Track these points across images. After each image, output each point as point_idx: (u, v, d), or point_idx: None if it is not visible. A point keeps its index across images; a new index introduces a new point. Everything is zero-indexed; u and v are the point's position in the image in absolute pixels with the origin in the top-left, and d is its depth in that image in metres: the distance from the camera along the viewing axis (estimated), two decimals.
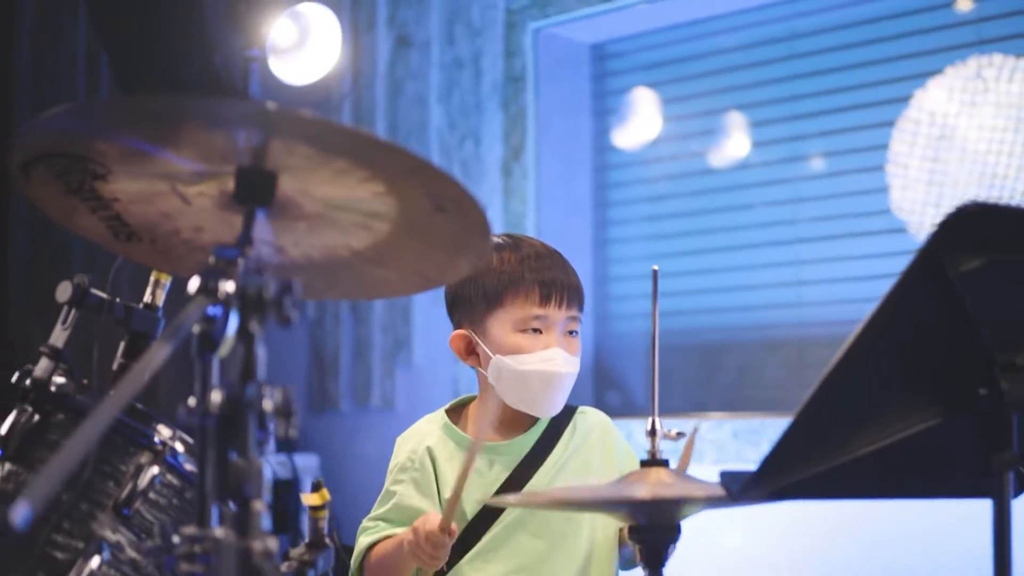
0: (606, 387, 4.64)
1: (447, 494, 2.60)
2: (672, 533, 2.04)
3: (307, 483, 3.72)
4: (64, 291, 1.97)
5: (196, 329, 1.54)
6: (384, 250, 1.82)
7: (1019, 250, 1.70)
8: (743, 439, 4.04)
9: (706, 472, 3.94)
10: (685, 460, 2.27)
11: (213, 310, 1.53)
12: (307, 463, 4.90)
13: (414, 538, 2.44)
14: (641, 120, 4.75)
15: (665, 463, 2.06)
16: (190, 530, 1.50)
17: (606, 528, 2.69)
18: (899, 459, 1.82)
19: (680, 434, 2.11)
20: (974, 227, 1.65)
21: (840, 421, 1.76)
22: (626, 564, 2.77)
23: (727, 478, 1.75)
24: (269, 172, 1.68)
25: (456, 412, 2.79)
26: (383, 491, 2.70)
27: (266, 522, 1.45)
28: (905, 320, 1.70)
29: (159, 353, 1.44)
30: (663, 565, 2.05)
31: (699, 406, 4.34)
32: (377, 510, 2.67)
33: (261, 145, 1.63)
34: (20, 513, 1.17)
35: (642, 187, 4.71)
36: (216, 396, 1.46)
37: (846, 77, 4.25)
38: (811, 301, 4.28)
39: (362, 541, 2.62)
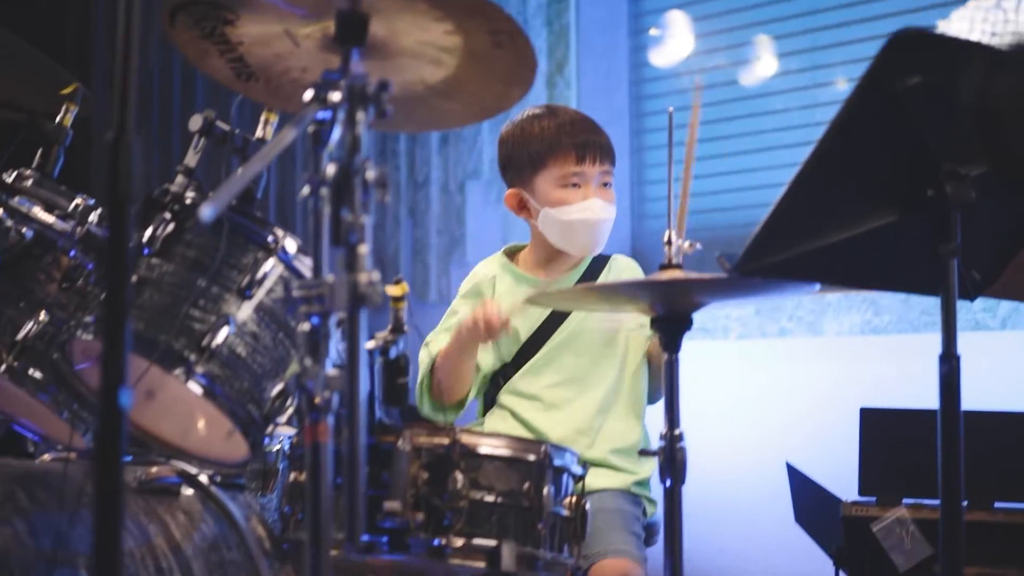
0: None
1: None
2: (685, 322, 2.49)
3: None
4: (195, 122, 2.46)
5: (310, 129, 2.01)
6: (451, 84, 2.28)
7: (951, 72, 2.14)
8: (764, 315, 4.49)
9: (732, 346, 4.42)
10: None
11: (323, 114, 2.00)
12: None
13: (471, 317, 2.94)
14: (674, 36, 5.16)
15: (679, 267, 2.51)
16: (307, 280, 1.97)
17: (637, 352, 3.18)
18: (862, 251, 2.21)
19: (693, 246, 2.56)
20: (914, 49, 2.09)
21: (811, 213, 2.18)
22: (652, 398, 3.27)
23: (726, 257, 2.20)
24: (363, 15, 2.13)
25: (512, 255, 3.30)
26: (447, 312, 3.21)
27: (368, 261, 1.92)
28: (861, 127, 2.12)
29: (289, 134, 1.91)
30: (678, 351, 2.50)
31: None
32: (440, 327, 3.17)
33: None
34: (207, 211, 1.65)
35: (674, 98, 5.11)
36: (330, 168, 1.93)
37: None
38: None
39: (429, 350, 3.12)
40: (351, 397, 1.94)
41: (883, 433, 3.44)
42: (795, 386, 4.42)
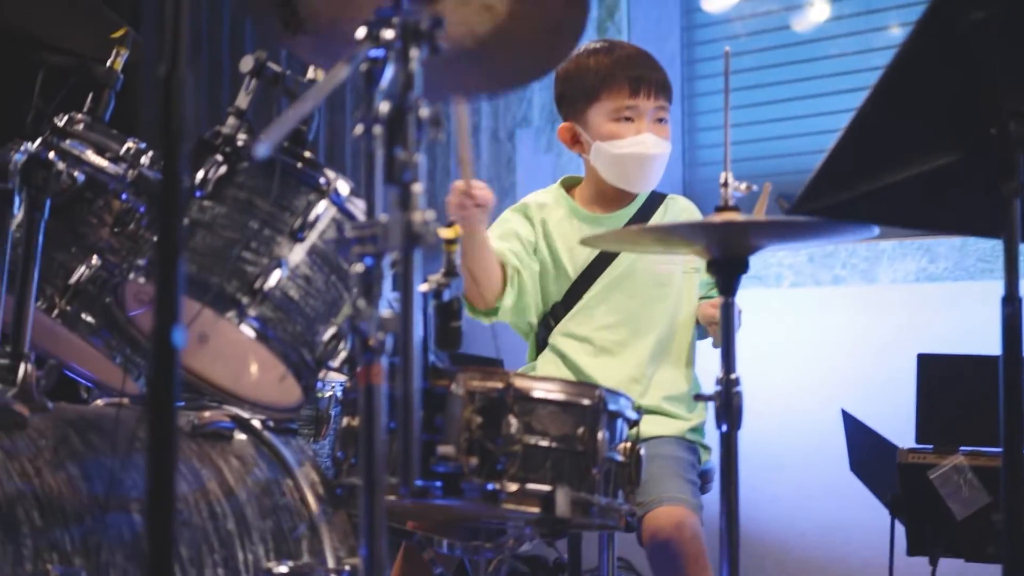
0: None
1: (557, 244, 3.08)
2: (741, 265, 2.45)
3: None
4: (247, 63, 2.43)
5: (362, 67, 1.98)
6: (503, 35, 2.23)
7: (1015, 6, 2.08)
8: (818, 262, 4.45)
9: (786, 294, 4.38)
10: (759, 211, 2.70)
11: (375, 52, 1.97)
12: None
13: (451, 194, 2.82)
14: None
15: (735, 209, 2.48)
16: (360, 220, 1.96)
17: (690, 296, 3.15)
18: (923, 191, 2.18)
19: (749, 188, 2.52)
20: None
21: (871, 153, 2.13)
22: (700, 335, 3.24)
23: (785, 197, 2.17)
24: None
25: (569, 188, 3.27)
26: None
27: (423, 200, 1.89)
28: (922, 64, 2.07)
29: (341, 72, 1.89)
30: (734, 294, 2.47)
31: None
32: None
33: None
34: (260, 148, 1.63)
35: (726, 44, 5.04)
36: (383, 105, 1.90)
37: None
38: None
39: None
40: (405, 336, 1.92)
41: (941, 380, 3.41)
42: (849, 334, 4.39)
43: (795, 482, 4.43)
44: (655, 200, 3.23)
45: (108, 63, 2.75)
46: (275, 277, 2.33)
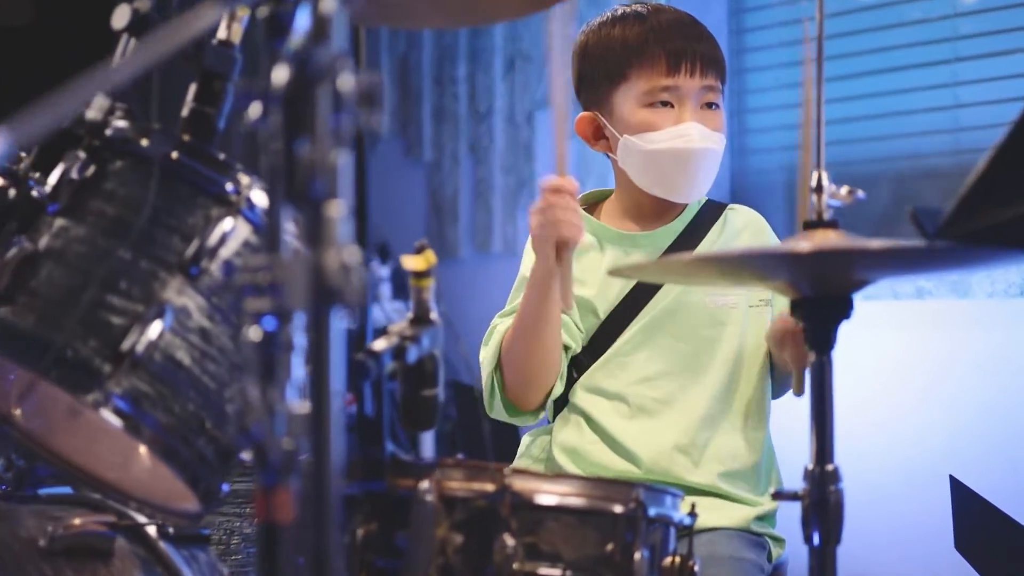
0: None
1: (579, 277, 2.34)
2: (842, 307, 1.71)
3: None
4: (121, 16, 1.67)
5: (262, 12, 1.25)
6: None
7: None
8: None
9: (857, 309, 3.66)
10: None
11: None
12: None
13: (539, 208, 2.19)
14: None
15: (834, 224, 1.73)
16: (254, 260, 1.22)
17: (758, 336, 2.38)
18: None
19: (852, 193, 1.78)
20: None
21: None
22: (778, 390, 2.46)
23: (921, 215, 1.43)
24: None
25: (591, 206, 2.51)
26: (515, 284, 2.43)
27: (344, 229, 1.15)
28: None
29: (203, 17, 1.15)
30: (832, 348, 1.72)
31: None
32: (508, 306, 2.41)
33: None
34: None
35: (781, 9, 4.39)
36: (281, 73, 1.16)
37: None
38: (970, 125, 3.96)
39: (496, 331, 2.35)
40: (319, 451, 1.20)
41: None
42: (935, 360, 3.72)
43: (863, 528, 3.73)
44: (711, 212, 2.45)
45: None
46: (154, 332, 1.56)
